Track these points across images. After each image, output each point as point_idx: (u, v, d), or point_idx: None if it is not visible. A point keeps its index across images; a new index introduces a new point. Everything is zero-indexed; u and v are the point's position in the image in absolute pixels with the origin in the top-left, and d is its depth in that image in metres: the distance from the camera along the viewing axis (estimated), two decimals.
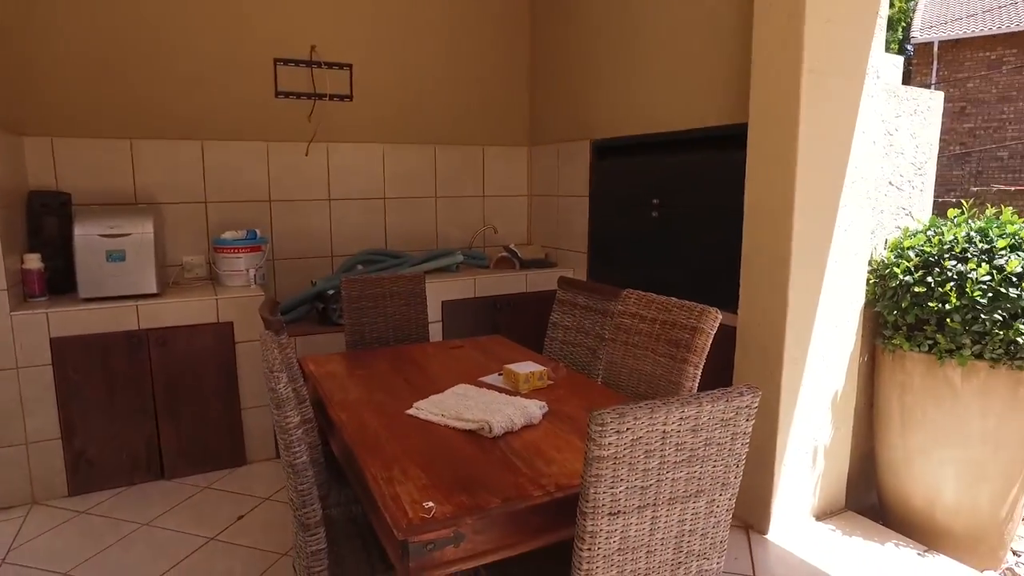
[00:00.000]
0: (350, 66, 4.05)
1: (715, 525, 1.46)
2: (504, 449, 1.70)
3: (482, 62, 4.48)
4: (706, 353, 2.06)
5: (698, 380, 2.07)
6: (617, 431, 1.23)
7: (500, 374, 2.28)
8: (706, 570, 1.51)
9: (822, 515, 2.91)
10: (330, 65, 3.99)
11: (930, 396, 2.66)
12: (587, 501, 1.28)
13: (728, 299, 2.84)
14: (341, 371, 2.44)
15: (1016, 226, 2.60)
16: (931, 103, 3.22)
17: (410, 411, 1.95)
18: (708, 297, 3.00)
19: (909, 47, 19.85)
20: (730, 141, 2.92)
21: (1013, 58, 17.26)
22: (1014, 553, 2.96)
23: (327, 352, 2.88)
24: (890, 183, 3.04)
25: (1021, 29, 17.09)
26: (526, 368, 2.17)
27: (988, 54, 17.63)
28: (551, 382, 2.22)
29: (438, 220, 4.47)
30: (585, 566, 1.32)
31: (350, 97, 4.08)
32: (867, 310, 2.86)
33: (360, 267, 3.96)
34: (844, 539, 2.75)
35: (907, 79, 19.61)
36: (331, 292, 3.64)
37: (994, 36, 17.49)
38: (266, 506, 3.04)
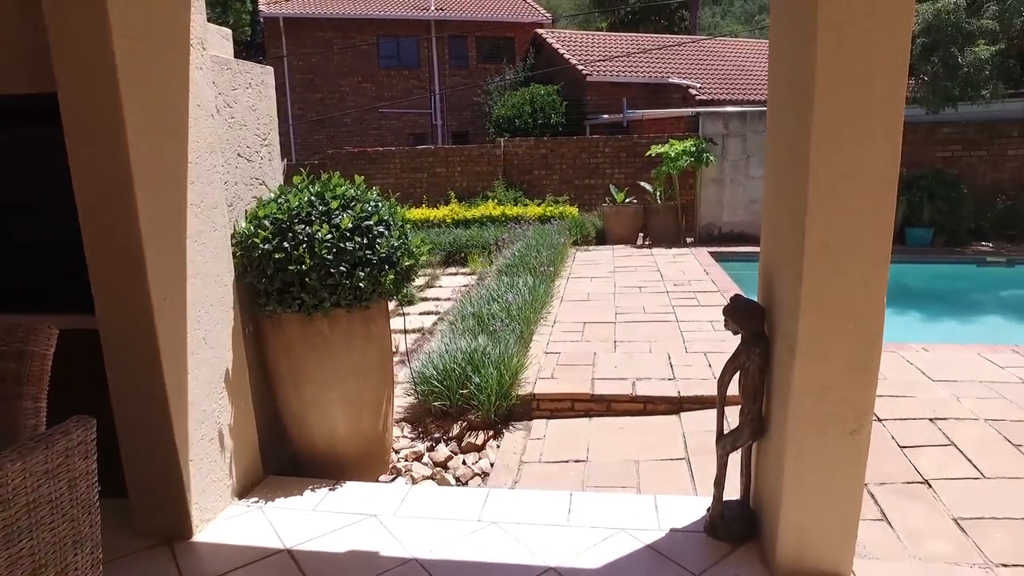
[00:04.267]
0: None
1: None
2: None
3: None
4: (47, 377, 1.69)
5: (44, 413, 1.69)
6: None
7: None
8: None
9: (244, 491, 2.91)
10: None
11: (309, 349, 2.91)
12: None
13: (84, 301, 2.44)
14: None
15: (343, 188, 2.99)
16: (264, 77, 3.38)
17: None
18: (57, 304, 2.55)
19: (261, 21, 21.05)
20: (46, 114, 2.43)
21: (339, 40, 20.31)
22: (395, 452, 3.60)
23: None
24: (239, 155, 3.09)
25: (342, 16, 20.16)
26: None
27: (323, 35, 20.24)
28: None
29: None
30: None
31: None
32: (240, 283, 2.89)
33: None
34: (269, 506, 2.81)
35: (263, 51, 20.88)
36: None
37: (324, 19, 20.15)
38: None
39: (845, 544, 2.24)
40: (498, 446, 3.71)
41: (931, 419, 3.46)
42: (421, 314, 6.64)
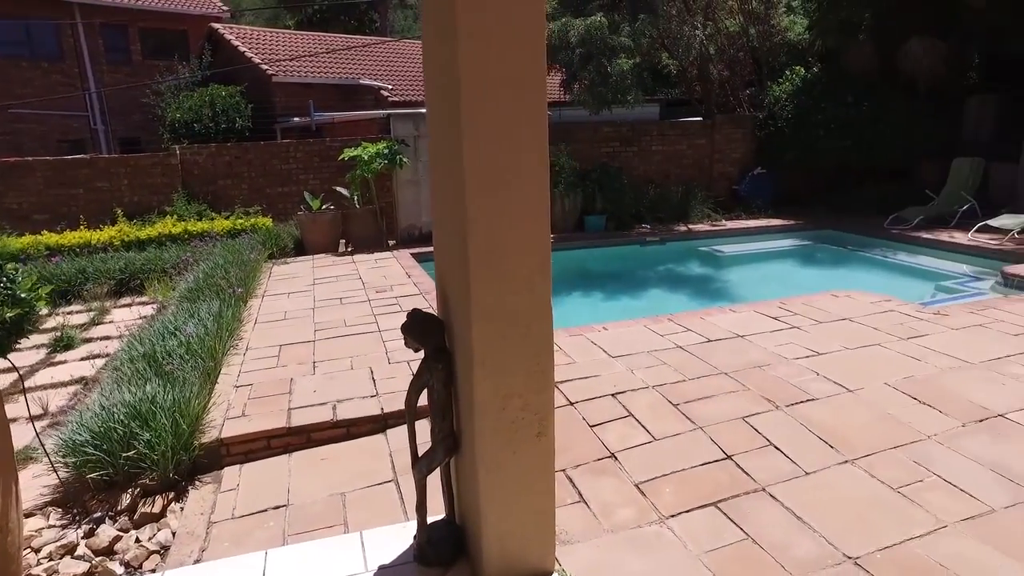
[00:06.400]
0: None
1: None
2: None
3: None
4: None
5: None
6: None
7: None
8: None
9: None
10: None
11: None
12: None
13: None
14: None
15: None
16: None
17: None
18: None
19: None
20: None
21: None
22: (33, 552, 2.83)
23: None
24: None
25: None
26: None
27: None
28: None
29: None
30: None
31: None
32: None
33: None
34: None
35: None
36: None
37: None
38: None
39: (545, 540, 2.28)
40: (182, 509, 3.14)
41: (613, 394, 3.81)
42: (83, 359, 5.49)
